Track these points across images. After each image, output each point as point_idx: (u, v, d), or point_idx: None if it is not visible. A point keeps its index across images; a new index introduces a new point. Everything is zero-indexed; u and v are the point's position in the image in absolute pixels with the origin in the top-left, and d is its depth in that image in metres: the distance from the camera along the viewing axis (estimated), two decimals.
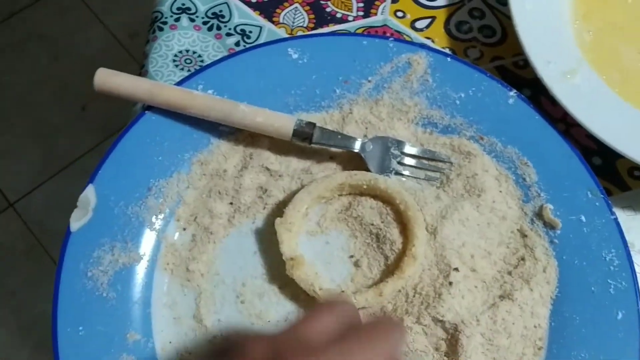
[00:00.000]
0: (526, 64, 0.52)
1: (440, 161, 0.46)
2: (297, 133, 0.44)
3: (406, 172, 0.45)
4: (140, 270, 0.42)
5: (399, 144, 0.45)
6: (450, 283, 0.41)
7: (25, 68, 1.54)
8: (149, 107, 0.45)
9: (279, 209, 0.45)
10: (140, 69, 0.52)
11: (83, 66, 1.57)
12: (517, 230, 0.45)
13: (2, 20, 1.61)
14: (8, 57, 1.56)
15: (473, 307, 0.42)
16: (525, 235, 0.44)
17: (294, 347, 0.27)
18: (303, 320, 0.29)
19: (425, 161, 0.46)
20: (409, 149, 0.46)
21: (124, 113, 0.50)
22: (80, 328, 0.40)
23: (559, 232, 0.45)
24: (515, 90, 0.48)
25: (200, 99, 0.44)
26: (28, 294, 1.31)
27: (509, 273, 0.43)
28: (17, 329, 1.29)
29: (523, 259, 0.44)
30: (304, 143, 0.44)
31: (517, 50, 0.52)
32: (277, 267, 0.43)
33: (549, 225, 0.45)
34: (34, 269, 1.34)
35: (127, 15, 1.59)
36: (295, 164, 0.46)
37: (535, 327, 0.42)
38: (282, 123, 0.44)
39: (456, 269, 0.42)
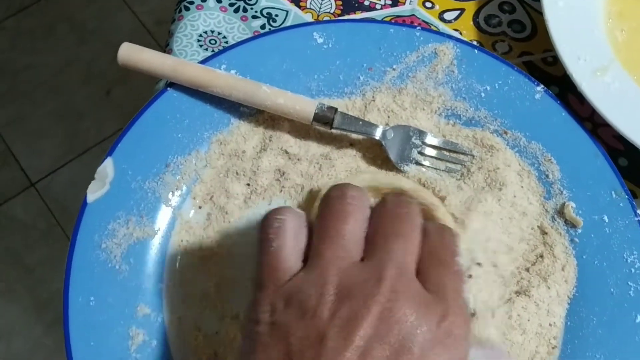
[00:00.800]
0: (555, 61, 0.52)
1: (462, 153, 0.45)
2: (318, 117, 0.43)
3: (426, 163, 0.45)
4: (154, 245, 0.42)
5: (421, 133, 0.45)
6: (470, 276, 0.41)
7: (54, 50, 1.56)
8: (172, 84, 0.45)
9: (296, 193, 0.44)
10: (164, 47, 0.52)
11: (109, 51, 1.58)
12: (538, 227, 0.44)
13: (34, 2, 1.63)
14: (38, 38, 1.58)
15: (490, 300, 0.41)
16: (545, 233, 0.43)
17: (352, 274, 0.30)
18: (325, 235, 0.31)
19: (446, 152, 0.45)
20: (430, 139, 0.45)
21: (147, 99, 0.49)
22: (92, 298, 0.40)
23: (580, 231, 0.44)
24: (542, 86, 0.47)
25: (223, 78, 0.44)
26: (45, 273, 1.33)
27: (527, 270, 0.43)
28: (32, 306, 1.30)
29: (542, 256, 0.43)
30: (324, 127, 0.44)
31: (547, 46, 0.51)
32: None
33: (570, 224, 0.44)
34: (52, 248, 1.36)
35: (155, 3, 1.61)
36: (314, 148, 0.46)
37: (550, 325, 0.41)
38: (304, 106, 0.43)
39: (479, 264, 0.41)
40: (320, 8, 0.53)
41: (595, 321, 0.42)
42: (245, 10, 0.52)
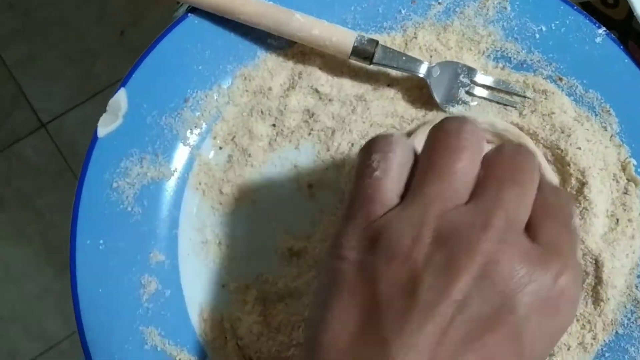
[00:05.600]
0: (616, 3, 0.46)
1: (515, 94, 0.41)
2: (357, 50, 0.39)
3: (474, 104, 0.40)
4: (170, 187, 0.39)
5: (470, 71, 0.40)
6: None
7: None
8: (193, 10, 0.41)
9: (326, 136, 0.40)
10: None
11: None
12: (626, 179, 0.40)
13: None
14: None
15: None
16: (626, 192, 0.39)
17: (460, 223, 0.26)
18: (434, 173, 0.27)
19: (497, 93, 0.41)
20: (480, 78, 0.40)
21: None
22: (101, 242, 0.37)
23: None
24: (604, 28, 0.42)
25: (252, 4, 0.39)
26: (55, 217, 1.31)
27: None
28: (43, 250, 1.29)
29: (618, 221, 0.39)
30: (363, 63, 0.40)
31: None
32: None
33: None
34: (63, 192, 1.33)
35: None
36: (348, 88, 0.41)
37: None
38: (341, 38, 0.39)
39: None
40: None
41: None
42: None
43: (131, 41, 1.45)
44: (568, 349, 0.37)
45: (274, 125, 0.41)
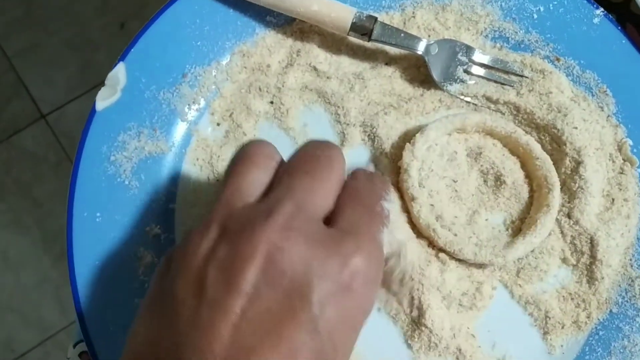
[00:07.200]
0: None
1: (513, 73, 0.41)
2: (355, 27, 0.39)
3: (472, 82, 0.40)
4: (167, 162, 0.39)
5: (468, 49, 0.40)
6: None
7: None
8: None
9: None
10: None
11: None
12: (622, 159, 0.40)
13: None
14: None
15: None
16: (622, 172, 0.39)
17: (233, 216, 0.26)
18: (228, 183, 0.28)
19: (495, 72, 0.41)
20: (478, 56, 0.40)
21: None
22: (98, 214, 0.37)
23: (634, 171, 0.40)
24: (602, 9, 0.42)
25: None
26: (54, 206, 1.31)
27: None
28: (40, 239, 1.29)
29: (613, 200, 0.39)
30: (361, 39, 0.40)
31: None
32: None
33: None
34: (61, 181, 1.33)
35: None
36: (346, 66, 0.41)
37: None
38: (340, 14, 0.39)
39: None
40: None
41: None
42: None
43: (132, 32, 1.45)
44: (562, 327, 0.37)
45: (271, 102, 0.41)
